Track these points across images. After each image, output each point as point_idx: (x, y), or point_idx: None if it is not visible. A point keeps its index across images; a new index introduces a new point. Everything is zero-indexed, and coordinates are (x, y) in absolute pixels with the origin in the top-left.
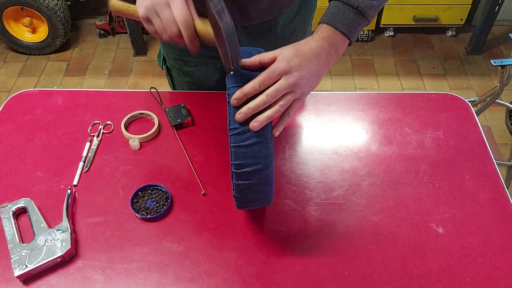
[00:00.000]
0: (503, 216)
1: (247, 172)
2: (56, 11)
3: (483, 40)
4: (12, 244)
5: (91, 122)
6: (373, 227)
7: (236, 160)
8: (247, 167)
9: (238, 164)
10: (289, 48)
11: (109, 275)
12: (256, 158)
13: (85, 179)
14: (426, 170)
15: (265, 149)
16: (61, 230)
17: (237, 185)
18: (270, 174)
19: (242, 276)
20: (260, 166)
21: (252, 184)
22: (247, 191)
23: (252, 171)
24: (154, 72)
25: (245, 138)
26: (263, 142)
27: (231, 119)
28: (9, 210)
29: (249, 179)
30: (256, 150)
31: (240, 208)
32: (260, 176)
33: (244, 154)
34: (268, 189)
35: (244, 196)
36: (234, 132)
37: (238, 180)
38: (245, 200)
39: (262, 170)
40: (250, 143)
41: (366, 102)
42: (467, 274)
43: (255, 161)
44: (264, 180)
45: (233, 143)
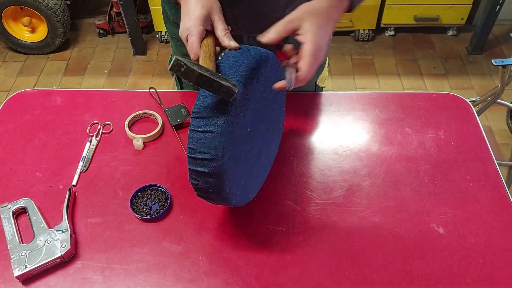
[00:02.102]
0: (504, 217)
1: (197, 159)
2: (55, 11)
3: (484, 39)
4: (12, 244)
5: (90, 122)
6: (374, 228)
7: (190, 144)
8: (198, 153)
9: (191, 148)
10: (313, 22)
11: (108, 276)
12: (207, 147)
13: (85, 179)
14: (427, 170)
15: (217, 141)
16: (61, 231)
17: (190, 170)
18: (221, 167)
19: (242, 277)
20: (209, 156)
21: (202, 173)
22: (198, 178)
23: (201, 159)
24: (154, 71)
25: (201, 125)
26: (216, 133)
27: (196, 103)
28: (9, 210)
29: (198, 166)
30: (209, 139)
31: (200, 197)
32: (209, 166)
33: (197, 140)
34: (221, 184)
35: (196, 184)
36: (194, 116)
37: (189, 164)
38: (198, 188)
39: (210, 161)
40: (204, 130)
41: (367, 102)
42: (468, 274)
43: (206, 150)
44: (214, 172)
45: (190, 126)
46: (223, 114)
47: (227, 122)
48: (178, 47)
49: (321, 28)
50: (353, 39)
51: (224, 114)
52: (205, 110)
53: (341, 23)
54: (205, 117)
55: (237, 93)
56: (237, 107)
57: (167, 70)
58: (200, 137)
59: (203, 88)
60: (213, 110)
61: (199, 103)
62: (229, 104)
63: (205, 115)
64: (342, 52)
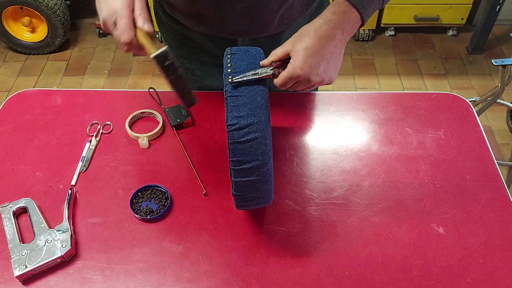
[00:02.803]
0: (504, 216)
1: (245, 169)
2: (55, 11)
3: (484, 39)
4: (12, 244)
5: (90, 122)
6: (374, 228)
7: (234, 156)
8: (245, 163)
9: (236, 160)
10: (299, 44)
11: (108, 276)
12: (254, 154)
13: (85, 179)
14: (426, 170)
15: (263, 145)
16: (62, 231)
17: (236, 183)
18: (268, 171)
19: (242, 277)
20: (258, 163)
21: (251, 182)
22: (246, 189)
23: (251, 168)
24: (154, 72)
25: (242, 134)
26: (261, 138)
27: (228, 115)
28: (10, 209)
29: (247, 176)
30: (254, 146)
31: (240, 208)
32: (258, 173)
33: (242, 151)
34: (267, 187)
35: (243, 194)
36: (232, 128)
37: (237, 177)
38: (244, 198)
39: (260, 167)
40: (248, 139)
41: (367, 102)
42: (468, 274)
43: (253, 158)
44: (263, 177)
45: (231, 139)
46: (260, 118)
47: (267, 125)
48: (172, 49)
49: (310, 50)
50: (353, 39)
51: (261, 118)
52: (242, 119)
53: None
54: (244, 126)
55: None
56: (266, 108)
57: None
58: (245, 147)
59: (172, 88)
60: (250, 117)
61: (233, 114)
62: (260, 107)
63: (244, 124)
64: None
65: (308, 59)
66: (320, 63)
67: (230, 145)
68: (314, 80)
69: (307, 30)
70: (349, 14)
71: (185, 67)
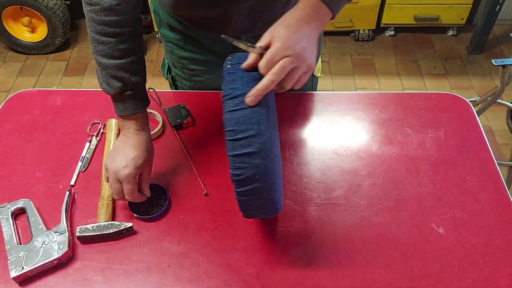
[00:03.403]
0: (504, 217)
1: (240, 139)
2: (55, 11)
3: (484, 39)
4: (10, 245)
5: (90, 122)
6: (374, 228)
7: (229, 126)
8: (240, 133)
9: (231, 130)
10: (278, 27)
11: (108, 276)
12: (249, 123)
13: (85, 179)
14: (426, 170)
15: (258, 115)
16: (59, 232)
17: (231, 159)
18: (266, 144)
19: (242, 277)
20: (254, 132)
21: (247, 155)
22: (243, 164)
23: (245, 138)
24: (153, 71)
25: (238, 102)
26: (255, 107)
27: (224, 87)
28: (8, 210)
29: (243, 149)
30: (249, 115)
31: (246, 214)
32: (255, 146)
33: (236, 119)
34: (267, 166)
35: (242, 173)
36: (228, 97)
37: (232, 150)
38: (243, 180)
39: (255, 137)
40: (243, 107)
41: (367, 102)
42: (468, 274)
43: (248, 127)
44: (260, 150)
45: (225, 109)
46: None
47: (265, 96)
48: (173, 50)
49: (291, 28)
50: (353, 39)
51: None
52: (237, 89)
53: (341, 23)
54: (239, 95)
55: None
56: None
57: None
58: (239, 115)
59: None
60: (245, 87)
61: (229, 86)
62: (257, 80)
63: (238, 93)
64: (342, 52)
65: (289, 35)
66: (300, 39)
67: (225, 114)
68: (295, 51)
69: (282, 18)
70: (318, 6)
71: (187, 68)
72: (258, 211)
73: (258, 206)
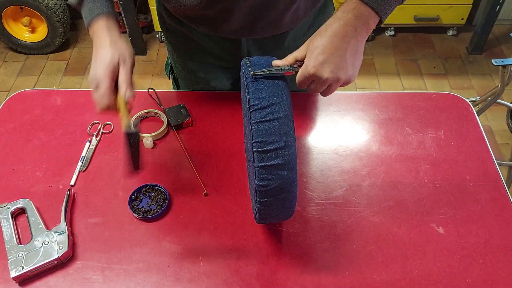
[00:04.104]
0: (503, 216)
1: (269, 151)
2: (55, 11)
3: (484, 39)
4: (10, 245)
5: (91, 122)
6: (374, 228)
7: (258, 137)
8: (269, 144)
9: (260, 141)
10: (312, 43)
11: (108, 276)
12: (278, 135)
13: (85, 179)
14: (426, 170)
15: (286, 126)
16: (59, 232)
17: (259, 170)
18: (293, 155)
19: (241, 277)
20: (283, 144)
21: (275, 167)
22: (270, 177)
23: (274, 150)
24: (154, 71)
25: (266, 113)
26: (284, 118)
27: (250, 97)
28: (8, 210)
29: (271, 160)
30: (278, 127)
31: (261, 218)
32: (283, 157)
33: (265, 131)
34: (292, 177)
35: (267, 186)
36: (255, 108)
37: (260, 162)
38: (269, 191)
39: (284, 149)
40: (271, 119)
41: (367, 102)
42: (468, 274)
43: (277, 138)
44: (287, 161)
45: (254, 120)
46: (284, 99)
47: (289, 107)
48: (175, 51)
49: (321, 48)
50: None
51: (285, 98)
52: (265, 100)
53: None
54: (267, 106)
55: None
56: (288, 92)
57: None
58: (268, 127)
59: (127, 151)
60: (273, 97)
61: (256, 96)
62: (282, 90)
63: (266, 104)
64: None
65: (319, 57)
66: (332, 60)
67: (253, 125)
68: (328, 77)
69: (320, 30)
70: (359, 10)
71: (189, 69)
72: (275, 218)
73: (277, 213)
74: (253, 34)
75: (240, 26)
